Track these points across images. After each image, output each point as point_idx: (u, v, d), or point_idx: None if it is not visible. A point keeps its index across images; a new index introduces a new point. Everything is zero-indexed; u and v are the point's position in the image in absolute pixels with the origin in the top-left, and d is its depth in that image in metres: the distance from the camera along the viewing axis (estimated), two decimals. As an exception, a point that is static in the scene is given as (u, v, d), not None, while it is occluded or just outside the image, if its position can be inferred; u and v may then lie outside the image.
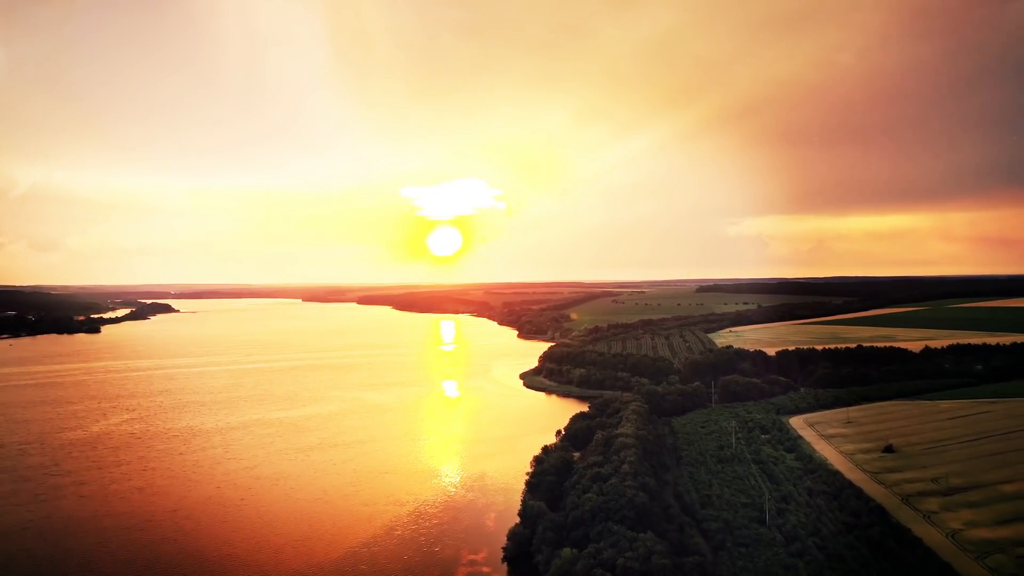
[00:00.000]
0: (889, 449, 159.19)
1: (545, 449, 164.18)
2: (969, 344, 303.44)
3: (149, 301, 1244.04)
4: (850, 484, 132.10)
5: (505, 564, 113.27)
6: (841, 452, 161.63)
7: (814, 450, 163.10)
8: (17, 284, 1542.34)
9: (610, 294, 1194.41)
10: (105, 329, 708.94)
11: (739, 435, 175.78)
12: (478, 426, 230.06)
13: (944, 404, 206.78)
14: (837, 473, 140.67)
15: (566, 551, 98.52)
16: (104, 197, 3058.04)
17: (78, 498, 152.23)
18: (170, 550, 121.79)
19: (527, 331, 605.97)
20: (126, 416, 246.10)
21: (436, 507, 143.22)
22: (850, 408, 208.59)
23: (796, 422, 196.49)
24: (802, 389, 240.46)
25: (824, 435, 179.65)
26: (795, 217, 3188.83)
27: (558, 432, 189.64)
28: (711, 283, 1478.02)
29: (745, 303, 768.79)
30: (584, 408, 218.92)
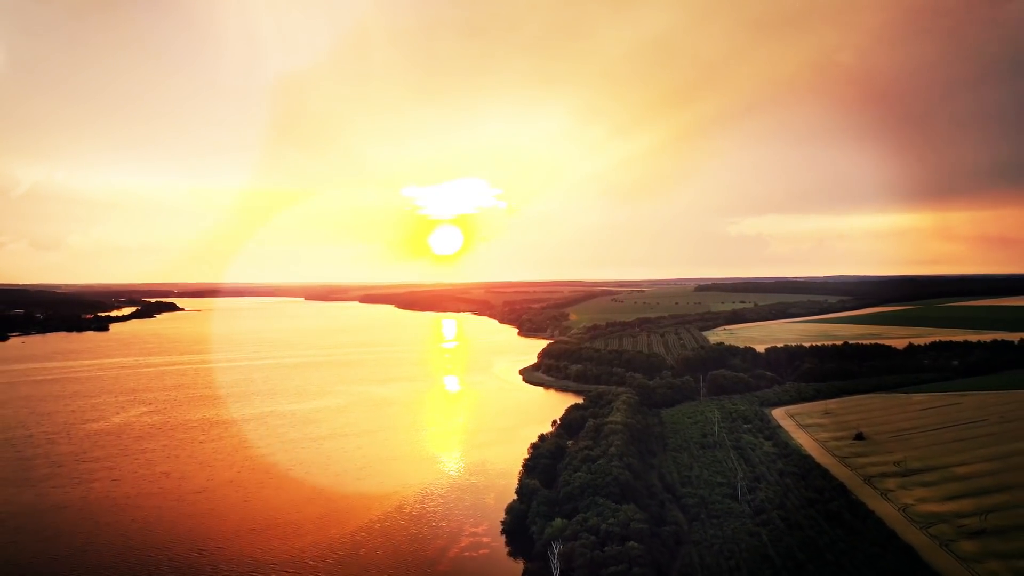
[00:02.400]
0: (860, 436, 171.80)
1: (541, 437, 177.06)
2: (951, 341, 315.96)
3: (154, 299, 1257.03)
4: (818, 466, 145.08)
5: (503, 536, 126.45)
6: (815, 439, 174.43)
7: (791, 438, 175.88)
8: (19, 283, 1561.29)
9: (610, 293, 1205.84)
10: (113, 327, 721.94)
11: (722, 425, 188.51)
12: (479, 418, 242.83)
13: (918, 397, 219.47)
14: (808, 457, 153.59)
15: (557, 521, 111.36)
16: (105, 196, 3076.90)
17: (110, 481, 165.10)
18: (199, 524, 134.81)
19: (527, 329, 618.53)
20: (144, 409, 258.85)
21: (441, 488, 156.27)
22: (829, 400, 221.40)
23: (778, 413, 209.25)
24: (787, 384, 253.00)
25: (802, 425, 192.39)
26: (796, 216, 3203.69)
27: (554, 422, 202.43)
28: (709, 282, 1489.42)
29: (742, 302, 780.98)
30: (580, 401, 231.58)
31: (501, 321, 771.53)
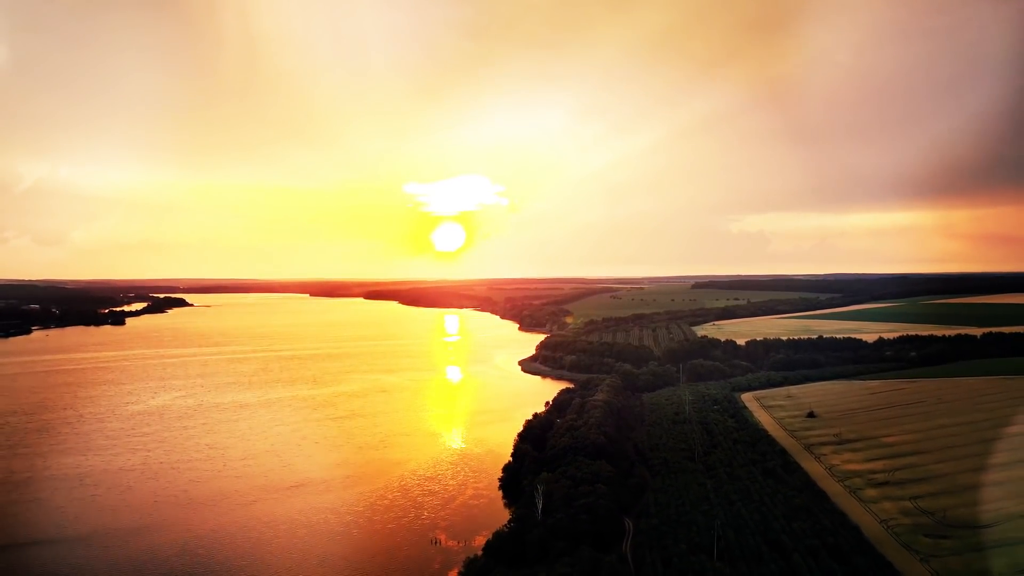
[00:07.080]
0: (811, 415, 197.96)
1: (535, 415, 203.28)
2: (916, 335, 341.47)
3: (162, 295, 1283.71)
4: (768, 437, 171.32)
5: (500, 490, 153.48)
6: (774, 417, 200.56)
7: (752, 416, 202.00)
8: (23, 278, 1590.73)
9: (609, 290, 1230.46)
10: (129, 321, 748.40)
11: (693, 405, 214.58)
12: (481, 402, 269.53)
13: (872, 383, 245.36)
14: (762, 430, 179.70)
15: (544, 474, 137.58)
16: (108, 193, 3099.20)
17: (164, 451, 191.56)
18: (244, 483, 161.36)
19: (527, 324, 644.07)
20: (177, 394, 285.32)
21: (449, 456, 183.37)
22: (794, 386, 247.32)
23: (746, 397, 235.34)
24: (759, 372, 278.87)
25: (765, 406, 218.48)
26: (797, 214, 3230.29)
27: (546, 403, 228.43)
28: (706, 279, 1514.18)
29: (736, 299, 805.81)
30: (571, 387, 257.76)
31: (503, 317, 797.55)
